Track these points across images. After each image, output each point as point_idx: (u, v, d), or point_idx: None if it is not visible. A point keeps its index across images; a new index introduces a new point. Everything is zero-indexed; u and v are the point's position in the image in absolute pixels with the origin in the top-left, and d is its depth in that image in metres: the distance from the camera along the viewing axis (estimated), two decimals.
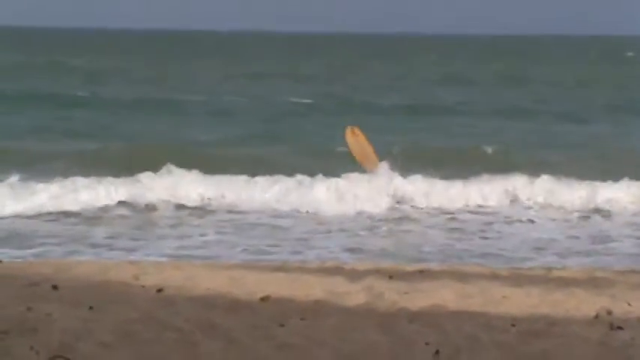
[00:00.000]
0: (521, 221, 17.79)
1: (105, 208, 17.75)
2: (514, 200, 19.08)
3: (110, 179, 18.88)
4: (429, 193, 18.90)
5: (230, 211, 18.04)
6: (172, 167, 19.41)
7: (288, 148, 25.56)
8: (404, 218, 17.96)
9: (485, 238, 16.37)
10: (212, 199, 18.45)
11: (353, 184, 18.99)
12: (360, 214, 17.90)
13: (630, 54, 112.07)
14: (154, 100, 38.89)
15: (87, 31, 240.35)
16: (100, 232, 16.03)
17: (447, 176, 20.09)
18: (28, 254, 14.07)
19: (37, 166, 21.17)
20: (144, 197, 18.22)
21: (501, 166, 22.38)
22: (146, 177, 18.95)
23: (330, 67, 72.24)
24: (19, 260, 13.16)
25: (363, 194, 18.55)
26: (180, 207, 18.24)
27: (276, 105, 38.44)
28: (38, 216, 17.14)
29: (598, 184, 19.48)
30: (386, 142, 27.15)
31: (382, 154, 23.97)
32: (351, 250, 15.09)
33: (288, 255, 14.50)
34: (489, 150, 25.17)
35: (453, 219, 17.83)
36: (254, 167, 20.92)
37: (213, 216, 17.74)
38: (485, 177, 19.93)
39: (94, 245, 15.05)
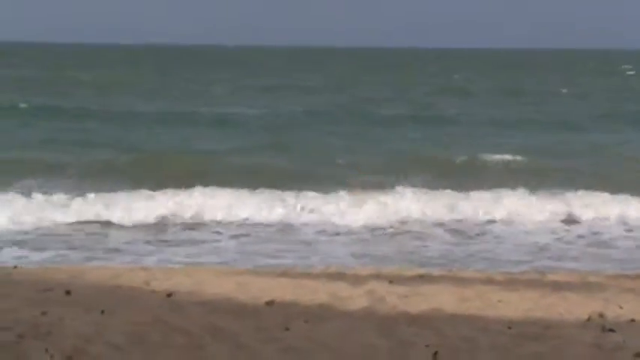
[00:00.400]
0: (520, 229, 17.83)
1: (118, 221, 17.63)
2: (514, 210, 18.93)
3: (125, 193, 18.86)
4: (430, 204, 18.84)
5: (241, 223, 17.92)
6: (187, 180, 19.46)
7: (295, 159, 25.55)
8: (407, 228, 17.87)
9: (485, 244, 16.44)
10: (223, 211, 18.35)
11: (358, 196, 18.98)
12: (365, 224, 17.81)
13: (627, 67, 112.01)
14: (165, 112, 38.90)
15: (97, 46, 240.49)
16: (114, 241, 16.10)
17: (448, 186, 20.11)
18: (44, 260, 14.15)
19: (53, 175, 21.27)
20: (158, 210, 18.15)
21: (502, 175, 22.51)
22: (162, 193, 18.84)
23: (334, 79, 72.30)
24: (34, 266, 13.23)
25: (368, 206, 18.51)
26: (191, 218, 18.15)
27: (282, 116, 38.46)
28: (57, 226, 17.13)
29: (594, 192, 19.50)
30: (389, 151, 27.34)
31: (386, 164, 24.14)
32: (356, 256, 15.15)
33: (297, 261, 14.55)
34: (490, 159, 25.17)
35: (454, 229, 17.78)
36: (261, 178, 20.98)
37: (225, 226, 17.67)
38: (486, 187, 19.93)
39: (108, 251, 15.16)
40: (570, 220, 18.34)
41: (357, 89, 58.78)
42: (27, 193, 18.61)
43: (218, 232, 17.09)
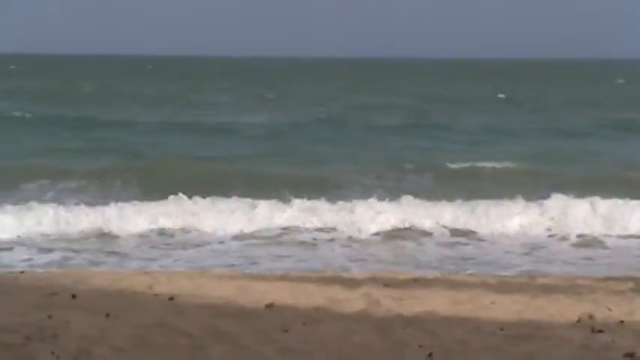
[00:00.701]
0: (513, 234, 17.82)
1: (123, 227, 17.50)
2: (508, 216, 18.81)
3: (131, 199, 18.84)
4: (427, 210, 18.79)
5: (243, 229, 17.79)
6: (192, 187, 19.44)
7: (297, 166, 25.55)
8: (404, 233, 17.82)
9: (478, 249, 16.50)
10: (226, 217, 18.26)
11: (358, 202, 18.94)
12: (364, 229, 17.76)
13: (619, 77, 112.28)
14: (170, 121, 38.93)
15: (100, 57, 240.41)
16: (118, 246, 16.12)
17: (444, 192, 20.13)
18: (51, 265, 14.20)
19: (60, 183, 21.36)
20: (163, 216, 18.08)
21: (497, 182, 22.58)
22: (166, 200, 18.69)
23: (334, 88, 72.34)
24: (41, 271, 13.29)
25: (368, 211, 18.48)
26: (194, 224, 18.03)
27: (285, 124, 38.48)
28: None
29: (585, 197, 19.50)
30: (388, 157, 27.38)
31: (385, 171, 24.20)
32: (354, 260, 15.21)
33: (297, 265, 14.59)
34: (486, 167, 25.17)
35: (449, 234, 17.73)
36: (264, 184, 21.05)
37: (227, 232, 17.58)
38: (481, 193, 19.93)
39: (113, 256, 15.21)
40: (562, 225, 18.33)
41: (357, 98, 58.88)
42: (35, 200, 18.65)
43: (221, 237, 17.10)
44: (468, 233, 17.76)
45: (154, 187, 20.68)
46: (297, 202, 18.98)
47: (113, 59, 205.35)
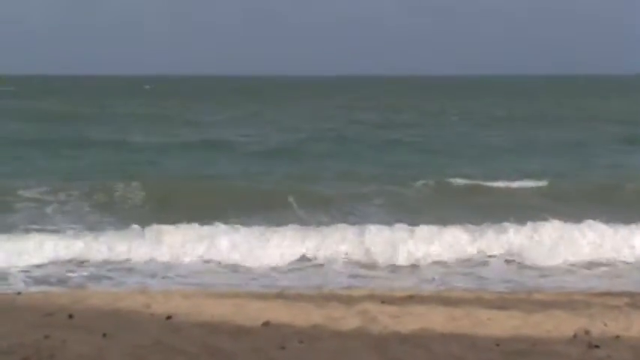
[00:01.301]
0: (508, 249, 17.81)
1: (125, 251, 17.34)
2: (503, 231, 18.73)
3: (133, 224, 18.63)
4: (432, 232, 18.61)
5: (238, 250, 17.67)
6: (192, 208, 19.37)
7: (294, 185, 25.50)
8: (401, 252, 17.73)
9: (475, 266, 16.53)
10: (221, 237, 18.09)
11: (358, 223, 18.81)
12: (362, 250, 17.67)
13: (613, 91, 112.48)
14: (170, 140, 39.01)
15: (101, 77, 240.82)
16: (117, 270, 16.11)
17: (449, 212, 20.11)
18: (47, 287, 14.22)
19: (58, 206, 21.36)
20: (164, 240, 17.91)
21: (502, 200, 22.66)
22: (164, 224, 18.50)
23: (332, 106, 72.51)
24: (38, 291, 13.33)
25: (368, 233, 18.38)
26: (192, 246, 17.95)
27: (283, 142, 38.54)
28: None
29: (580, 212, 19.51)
30: (388, 175, 27.40)
31: (392, 185, 24.23)
32: (351, 278, 15.26)
33: (294, 284, 14.63)
34: (494, 186, 25.12)
35: (446, 252, 17.62)
36: (262, 203, 21.04)
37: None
38: (478, 212, 19.90)
39: (111, 279, 15.25)
40: (557, 240, 18.28)
41: (357, 115, 59.05)
42: (33, 221, 18.68)
43: (219, 257, 17.05)
44: (464, 249, 17.65)
45: (154, 207, 20.72)
46: (297, 220, 18.94)
47: (110, 79, 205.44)
